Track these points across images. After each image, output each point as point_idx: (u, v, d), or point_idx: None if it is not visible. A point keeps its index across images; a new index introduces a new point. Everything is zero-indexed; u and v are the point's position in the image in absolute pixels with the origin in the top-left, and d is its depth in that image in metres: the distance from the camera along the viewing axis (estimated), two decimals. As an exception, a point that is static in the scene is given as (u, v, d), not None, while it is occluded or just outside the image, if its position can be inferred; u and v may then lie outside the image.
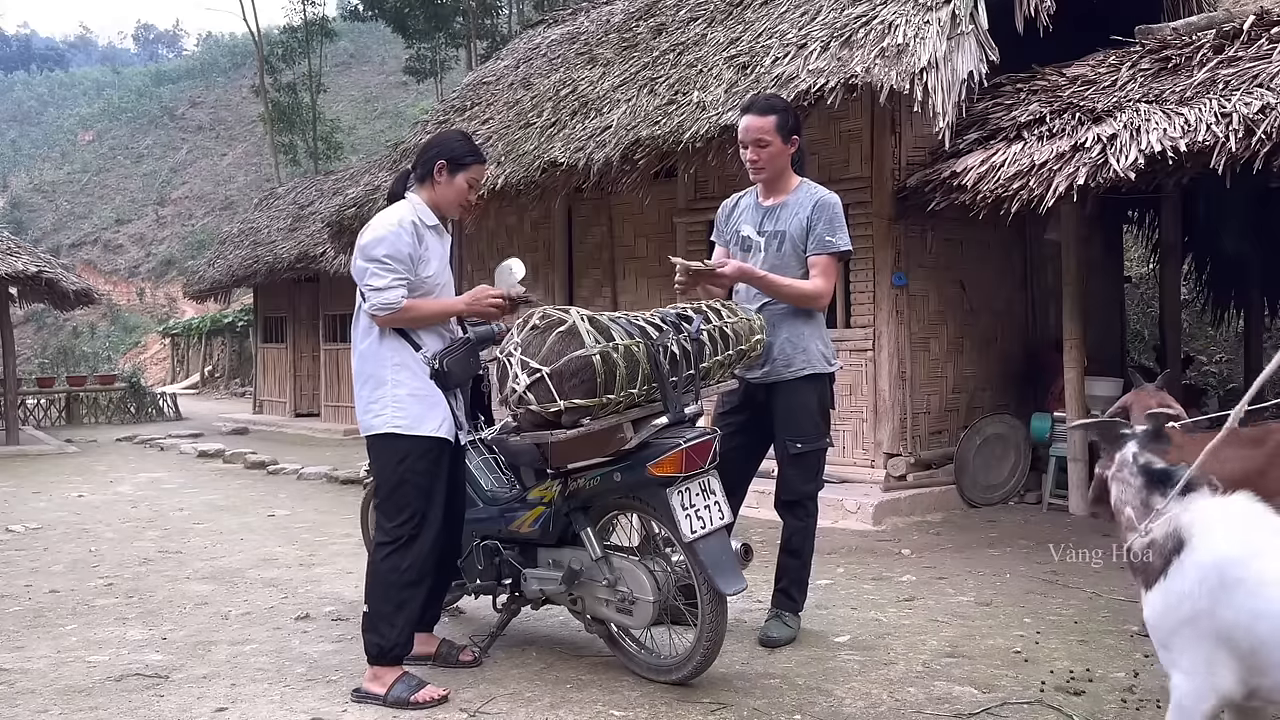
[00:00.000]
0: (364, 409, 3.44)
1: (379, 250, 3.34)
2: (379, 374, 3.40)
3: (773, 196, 3.96)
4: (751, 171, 3.94)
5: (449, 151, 3.50)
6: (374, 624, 3.36)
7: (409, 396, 3.37)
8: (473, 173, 3.53)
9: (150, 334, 34.20)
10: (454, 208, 3.54)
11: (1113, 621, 4.09)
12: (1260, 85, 5.25)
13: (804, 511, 3.91)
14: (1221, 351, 11.68)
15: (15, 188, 48.12)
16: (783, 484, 3.92)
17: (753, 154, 3.88)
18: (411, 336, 3.42)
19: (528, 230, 9.53)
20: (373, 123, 40.10)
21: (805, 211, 3.84)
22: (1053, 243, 6.85)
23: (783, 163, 3.91)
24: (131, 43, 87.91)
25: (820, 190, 3.92)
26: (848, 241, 3.87)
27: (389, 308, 3.31)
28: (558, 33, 11.06)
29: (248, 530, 6.80)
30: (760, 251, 3.91)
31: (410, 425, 3.36)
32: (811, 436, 3.85)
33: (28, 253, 13.20)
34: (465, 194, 3.53)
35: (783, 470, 3.91)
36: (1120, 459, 2.47)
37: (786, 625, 3.88)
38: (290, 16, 30.32)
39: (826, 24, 6.60)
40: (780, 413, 3.86)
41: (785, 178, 3.95)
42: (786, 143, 3.87)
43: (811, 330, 3.87)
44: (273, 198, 18.30)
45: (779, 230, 3.88)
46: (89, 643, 4.13)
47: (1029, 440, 6.98)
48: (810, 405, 3.85)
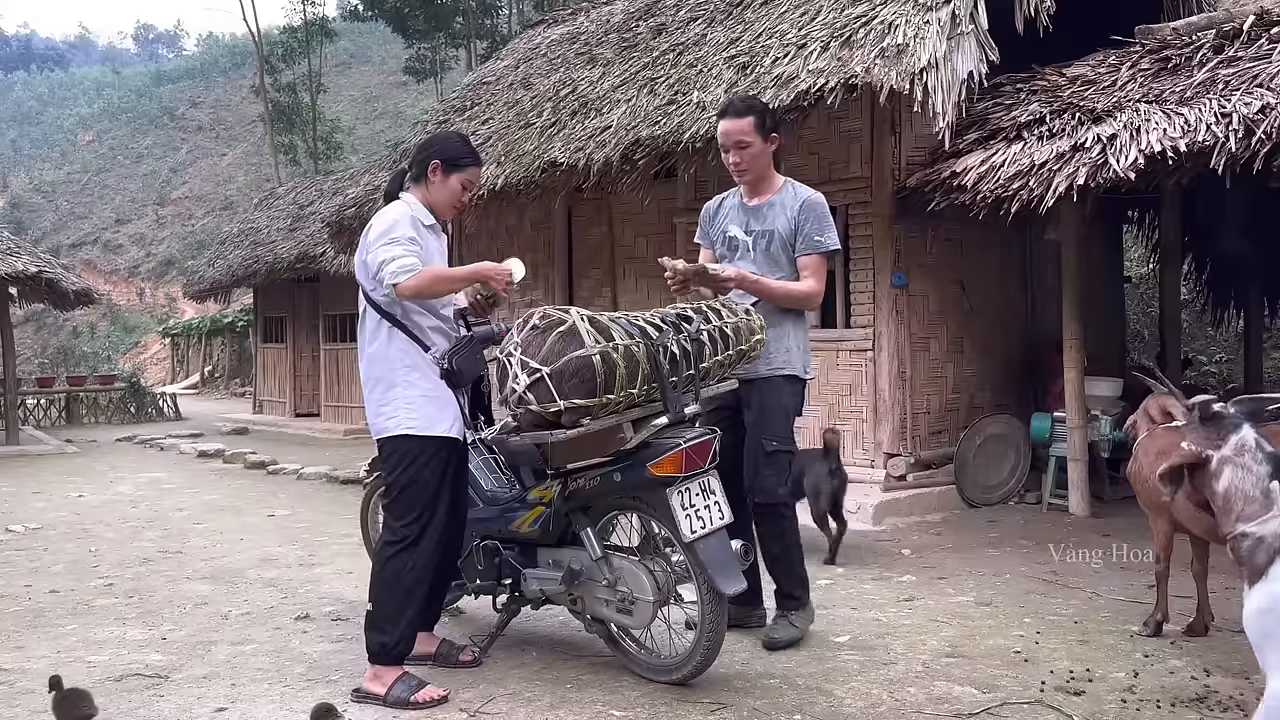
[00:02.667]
0: (375, 412, 3.43)
1: (385, 231, 3.34)
2: (389, 376, 3.40)
3: (757, 196, 3.96)
4: (735, 174, 3.95)
5: (444, 152, 3.51)
6: (377, 622, 3.37)
7: (421, 398, 3.38)
8: (468, 174, 3.53)
9: (150, 334, 34.17)
10: (448, 209, 3.54)
11: (1113, 621, 4.09)
12: (1260, 85, 5.25)
13: (779, 516, 3.83)
14: (1221, 351, 11.69)
15: (15, 188, 48.08)
16: (758, 485, 3.80)
17: (735, 157, 3.88)
18: (420, 337, 3.42)
19: (528, 230, 9.53)
20: (373, 123, 40.08)
21: (792, 211, 3.85)
22: (1053, 243, 6.85)
23: (765, 162, 3.92)
24: (131, 43, 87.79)
25: (806, 190, 3.93)
26: (836, 240, 3.89)
27: (409, 270, 3.23)
28: (558, 33, 11.05)
29: (248, 530, 6.80)
30: (749, 251, 3.91)
31: (424, 426, 3.37)
32: (784, 436, 3.83)
33: (28, 253, 13.20)
34: (459, 195, 3.53)
35: (758, 470, 3.80)
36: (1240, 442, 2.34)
37: (792, 625, 3.83)
38: (290, 16, 30.38)
39: (826, 24, 6.60)
40: (755, 409, 3.83)
41: (769, 177, 3.96)
42: (766, 141, 3.88)
43: (796, 331, 3.88)
44: (273, 198, 18.28)
45: (766, 230, 3.88)
46: (89, 643, 4.13)
47: (1029, 440, 6.97)
48: (786, 405, 3.84)
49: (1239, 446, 2.34)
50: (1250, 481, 2.28)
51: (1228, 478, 2.32)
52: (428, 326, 3.46)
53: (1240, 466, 2.31)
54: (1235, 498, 2.29)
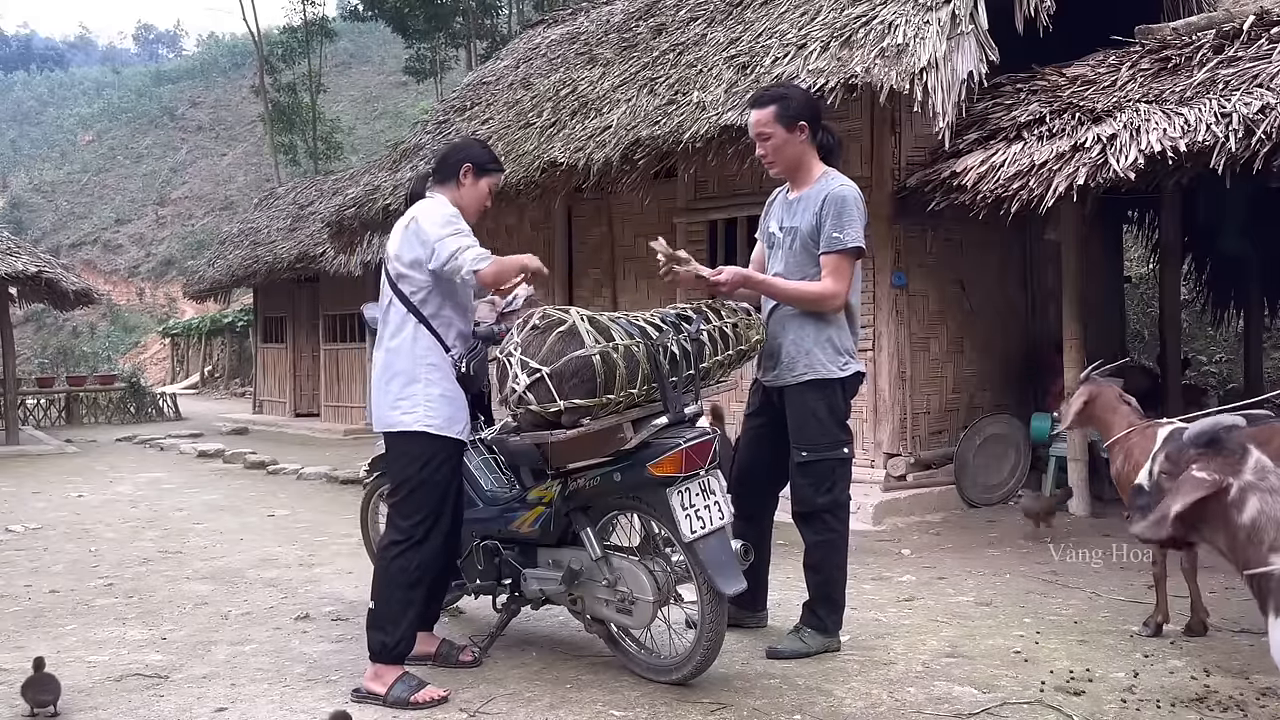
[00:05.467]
0: (391, 405, 3.41)
1: (448, 220, 3.39)
2: (412, 371, 3.40)
3: (796, 189, 3.78)
4: (766, 167, 3.80)
5: (475, 157, 3.61)
6: (379, 621, 3.37)
7: (441, 397, 3.39)
8: (495, 179, 3.67)
9: (150, 334, 34.17)
10: (474, 211, 3.61)
11: (1113, 621, 4.09)
12: (1260, 85, 5.25)
13: (821, 524, 3.68)
14: (1221, 351, 11.68)
15: (15, 188, 48.06)
16: (794, 494, 3.76)
17: (760, 149, 3.74)
18: (444, 337, 3.44)
19: (528, 230, 9.53)
20: (373, 123, 40.06)
21: (816, 206, 3.63)
22: (1053, 243, 6.85)
23: (794, 153, 3.70)
24: (131, 43, 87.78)
25: (835, 183, 3.66)
26: (858, 238, 3.61)
27: (485, 258, 3.31)
28: (558, 33, 11.04)
29: (247, 530, 6.80)
30: (780, 249, 3.76)
31: (442, 426, 3.39)
32: (819, 444, 3.64)
33: (28, 253, 13.19)
34: (485, 198, 3.63)
35: (792, 479, 3.76)
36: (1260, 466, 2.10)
37: (802, 641, 3.69)
38: (290, 16, 30.31)
39: (826, 24, 6.60)
40: (789, 419, 3.73)
41: (806, 169, 3.73)
42: (791, 131, 3.65)
43: (817, 333, 3.65)
44: (273, 198, 18.28)
45: (793, 226, 3.71)
46: (89, 643, 4.13)
47: (1029, 440, 6.97)
48: (818, 412, 3.64)
49: (1260, 470, 2.10)
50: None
51: (1255, 506, 2.09)
52: (455, 329, 3.48)
53: (1268, 491, 2.08)
54: (1266, 526, 2.07)
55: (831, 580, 3.73)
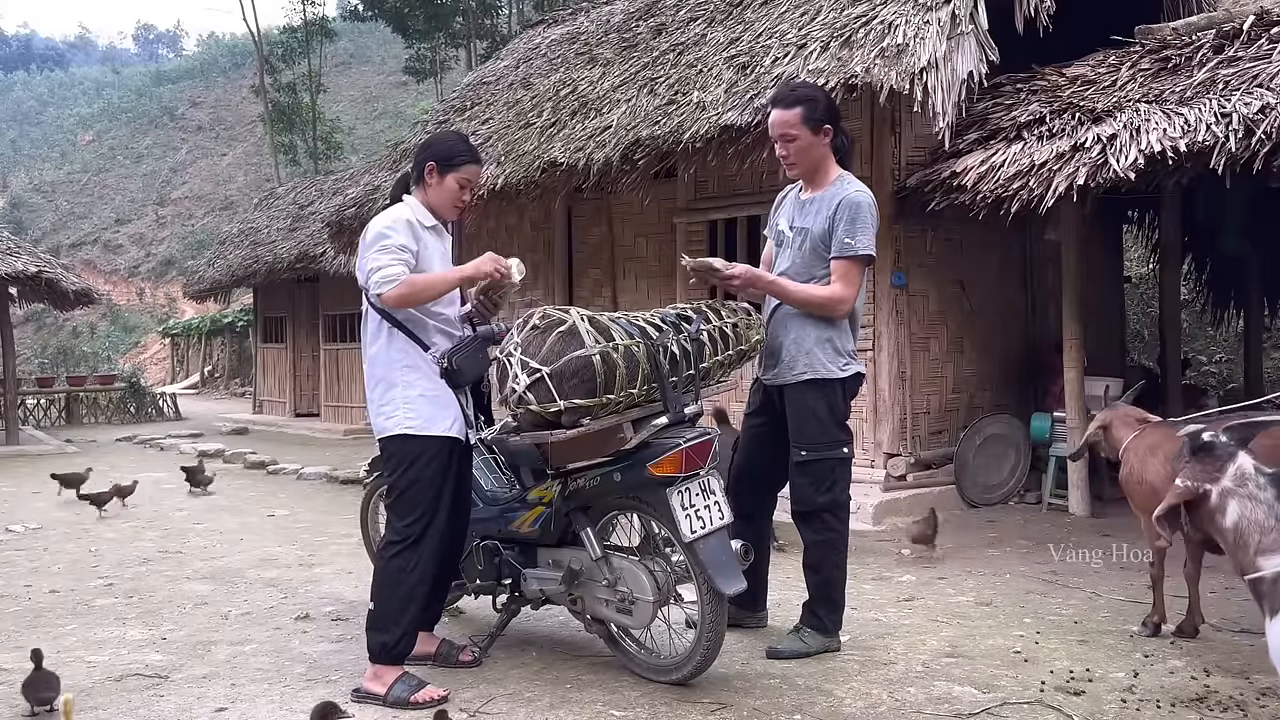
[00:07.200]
0: (375, 411, 3.46)
1: (378, 237, 3.37)
2: (389, 376, 3.41)
3: (810, 190, 3.77)
4: (785, 167, 3.78)
5: (439, 153, 3.51)
6: (379, 622, 3.37)
7: (420, 397, 3.39)
8: (465, 173, 3.51)
9: (150, 334, 34.17)
10: (448, 209, 3.54)
11: (1113, 621, 4.09)
12: (1260, 85, 5.25)
13: (820, 524, 3.69)
14: (1221, 351, 11.69)
15: (15, 188, 48.05)
16: (793, 493, 3.77)
17: (781, 149, 3.71)
18: (420, 337, 3.42)
19: (528, 230, 9.53)
20: (373, 123, 40.07)
21: (830, 209, 3.63)
22: (1053, 243, 6.85)
23: (816, 155, 3.69)
24: (131, 43, 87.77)
25: (851, 188, 3.67)
26: (869, 246, 3.62)
27: (391, 281, 3.27)
28: (558, 33, 11.05)
29: (247, 530, 6.80)
30: (789, 247, 3.77)
31: (422, 426, 3.38)
32: (819, 444, 3.65)
33: (28, 253, 13.20)
34: (458, 195, 3.52)
35: (792, 478, 3.76)
36: (1239, 472, 2.18)
37: (802, 641, 3.70)
38: (290, 16, 30.32)
39: (826, 24, 6.60)
40: (789, 418, 3.74)
41: (823, 171, 3.73)
42: (817, 134, 3.65)
43: (818, 334, 3.66)
44: (273, 198, 18.29)
45: (804, 227, 3.71)
46: (89, 643, 4.13)
47: (1029, 440, 6.97)
48: (817, 411, 3.65)
49: (1239, 476, 2.19)
50: (1261, 511, 2.15)
51: (1235, 511, 2.18)
52: (430, 326, 3.46)
53: (1246, 497, 2.17)
54: (1249, 530, 2.15)
55: (831, 580, 3.74)
